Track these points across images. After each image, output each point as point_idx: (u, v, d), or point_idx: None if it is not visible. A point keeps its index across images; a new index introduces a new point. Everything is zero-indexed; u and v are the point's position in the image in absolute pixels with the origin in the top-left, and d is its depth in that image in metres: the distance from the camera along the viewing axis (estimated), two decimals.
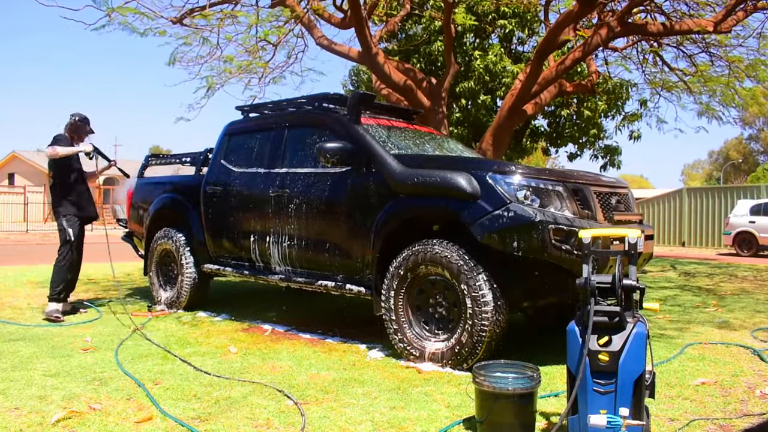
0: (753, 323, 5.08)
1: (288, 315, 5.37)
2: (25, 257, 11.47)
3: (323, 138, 4.33)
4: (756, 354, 3.96)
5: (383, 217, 3.86)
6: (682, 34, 7.91)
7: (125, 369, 3.42)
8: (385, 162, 3.95)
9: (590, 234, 2.54)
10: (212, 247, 5.21)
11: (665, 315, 5.47)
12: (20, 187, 31.58)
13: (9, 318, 5.00)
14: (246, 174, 4.95)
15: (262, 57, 7.85)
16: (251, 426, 2.59)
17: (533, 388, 2.43)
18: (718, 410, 2.84)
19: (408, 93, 8.41)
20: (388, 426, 2.61)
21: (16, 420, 2.60)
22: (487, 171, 3.54)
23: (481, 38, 12.42)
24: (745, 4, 7.26)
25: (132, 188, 6.33)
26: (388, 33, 10.44)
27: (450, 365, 3.50)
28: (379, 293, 3.88)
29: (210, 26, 7.18)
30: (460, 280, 3.43)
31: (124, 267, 9.27)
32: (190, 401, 2.90)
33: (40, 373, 3.33)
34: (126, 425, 2.57)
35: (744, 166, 51.50)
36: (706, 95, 9.51)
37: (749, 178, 39.68)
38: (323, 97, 4.82)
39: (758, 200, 15.97)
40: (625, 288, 2.34)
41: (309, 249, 4.38)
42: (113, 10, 6.25)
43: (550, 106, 11.95)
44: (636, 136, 11.93)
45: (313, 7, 7.89)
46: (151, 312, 5.35)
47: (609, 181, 4.09)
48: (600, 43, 7.58)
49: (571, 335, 2.34)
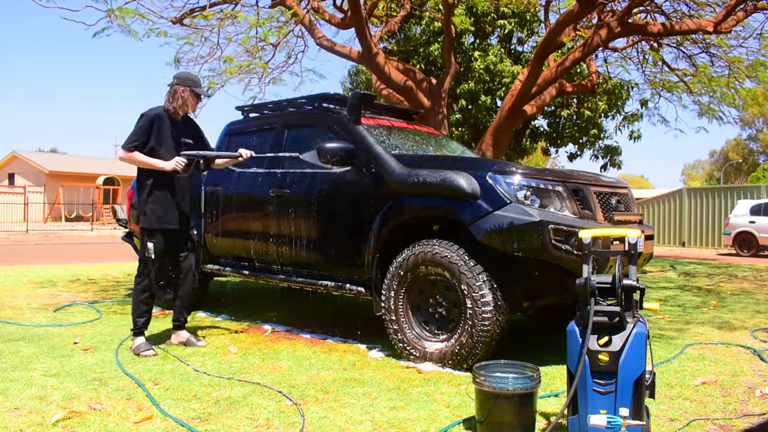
0: (753, 323, 5.08)
1: (288, 315, 5.37)
2: (25, 257, 11.47)
3: (323, 138, 4.33)
4: (756, 354, 3.96)
5: (383, 217, 3.86)
6: (682, 34, 7.92)
7: (125, 369, 3.42)
8: (385, 162, 3.95)
9: (590, 234, 2.54)
10: (212, 247, 5.21)
11: (665, 315, 5.47)
12: (20, 187, 31.60)
13: (9, 318, 5.00)
14: (246, 174, 4.95)
15: (262, 57, 7.84)
16: (251, 426, 2.59)
17: (533, 388, 2.43)
18: (718, 410, 2.84)
19: (408, 93, 8.41)
20: (388, 426, 2.61)
21: (16, 420, 2.60)
22: (487, 171, 3.55)
23: (480, 38, 12.42)
24: (745, 5, 7.26)
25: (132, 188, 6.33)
26: (388, 33, 10.44)
27: (450, 365, 3.50)
28: (379, 293, 3.88)
29: (210, 26, 7.18)
30: (460, 281, 3.43)
31: (125, 267, 9.28)
32: (190, 401, 2.90)
33: (40, 373, 3.33)
34: (126, 425, 2.57)
35: (744, 166, 51.50)
36: (706, 95, 9.51)
37: (749, 178, 39.66)
38: (323, 97, 4.82)
39: (758, 200, 15.97)
40: (625, 288, 2.34)
41: (309, 249, 4.38)
42: (113, 11, 6.25)
43: (550, 107, 11.95)
44: (636, 136, 11.94)
45: (313, 7, 7.89)
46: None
47: (609, 181, 4.09)
48: (600, 43, 7.58)
49: (571, 335, 2.34)
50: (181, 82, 4.06)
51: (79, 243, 16.77)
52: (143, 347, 3.85)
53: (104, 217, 29.26)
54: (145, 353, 3.80)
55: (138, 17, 6.39)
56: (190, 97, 4.06)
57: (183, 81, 4.07)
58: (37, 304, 5.70)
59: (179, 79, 4.08)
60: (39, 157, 37.68)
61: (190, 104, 4.08)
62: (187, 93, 4.04)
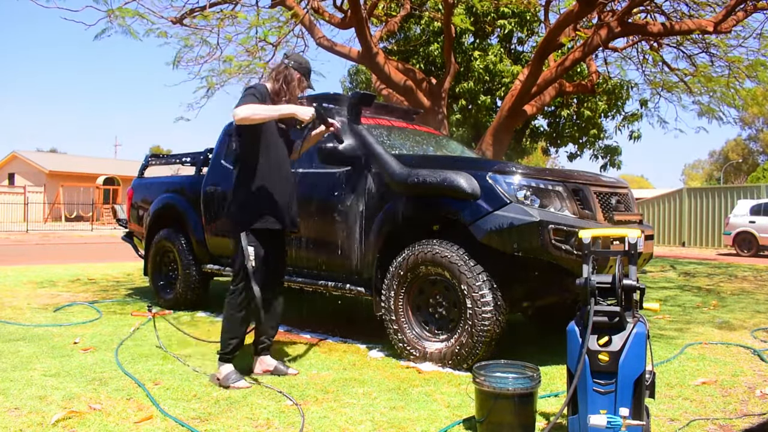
0: (753, 323, 5.08)
1: (288, 315, 5.36)
2: (25, 257, 11.47)
3: (323, 138, 4.32)
4: (756, 354, 3.96)
5: (383, 217, 3.86)
6: (682, 34, 7.92)
7: (125, 369, 3.42)
8: (385, 162, 3.95)
9: (590, 234, 2.54)
10: (212, 247, 5.21)
11: (665, 315, 5.47)
12: (20, 187, 31.60)
13: (9, 318, 5.00)
14: None
15: (262, 57, 7.85)
16: (251, 426, 2.59)
17: (533, 388, 2.43)
18: (718, 410, 2.84)
19: (408, 93, 8.41)
20: (388, 426, 2.61)
21: (16, 420, 2.60)
22: (487, 171, 3.54)
23: (480, 38, 12.42)
24: (745, 5, 7.27)
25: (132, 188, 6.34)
26: (388, 33, 10.44)
27: (450, 365, 3.50)
28: (379, 293, 3.88)
29: (210, 26, 7.19)
30: (461, 281, 3.43)
31: (124, 267, 9.28)
32: (190, 401, 2.90)
33: (40, 373, 3.33)
34: (126, 425, 2.57)
35: (744, 166, 51.50)
36: (706, 95, 9.52)
37: (749, 178, 39.68)
38: (323, 97, 4.82)
39: (758, 200, 15.97)
40: (625, 288, 2.34)
41: (309, 249, 4.38)
42: (112, 11, 6.25)
43: (550, 106, 11.96)
44: (636, 136, 11.95)
45: (313, 7, 7.89)
46: (150, 312, 5.34)
47: (609, 181, 4.09)
48: (600, 43, 7.59)
49: (571, 335, 2.34)
50: (300, 69, 3.33)
51: (79, 243, 16.77)
52: (233, 377, 3.15)
53: (104, 217, 29.25)
54: (237, 384, 3.11)
55: (138, 17, 6.39)
56: (304, 89, 3.40)
57: (301, 68, 3.34)
58: (37, 304, 5.70)
59: (298, 65, 3.33)
60: (39, 157, 37.68)
61: (294, 97, 3.34)
62: (304, 83, 3.37)
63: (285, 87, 3.29)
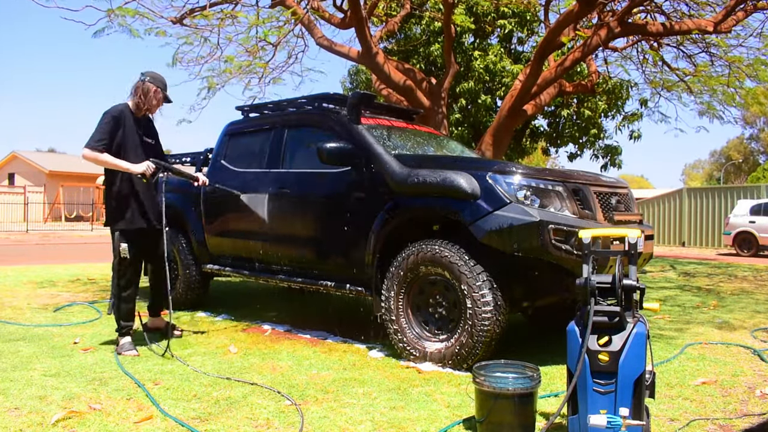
0: (753, 323, 5.08)
1: (288, 315, 5.37)
2: (25, 257, 11.47)
3: (323, 138, 4.33)
4: (756, 354, 3.97)
5: (383, 217, 3.86)
6: (682, 34, 7.91)
7: (125, 369, 3.42)
8: (385, 162, 3.95)
9: (590, 234, 2.54)
10: (212, 247, 5.21)
11: (665, 315, 5.47)
12: (20, 187, 31.61)
13: (9, 318, 5.00)
14: (246, 174, 4.95)
15: (262, 57, 7.85)
16: (251, 426, 2.59)
17: (533, 388, 2.43)
18: (718, 410, 2.84)
19: (408, 93, 8.40)
20: (388, 426, 2.61)
21: (16, 420, 2.60)
22: (487, 171, 3.54)
23: (480, 38, 12.42)
24: (745, 4, 7.26)
25: None
26: (388, 33, 10.44)
27: (450, 365, 3.50)
28: (379, 293, 3.88)
29: (210, 26, 7.18)
30: (461, 281, 3.43)
31: None
32: (190, 401, 2.90)
33: (40, 373, 3.33)
34: (126, 425, 2.57)
35: (744, 166, 51.50)
36: (706, 95, 9.51)
37: (749, 178, 39.68)
38: (323, 97, 4.82)
39: (758, 200, 15.97)
40: (625, 288, 2.34)
41: (309, 249, 4.38)
42: (112, 10, 6.24)
43: (550, 106, 11.95)
44: (636, 136, 11.94)
45: (312, 7, 7.89)
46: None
47: (609, 181, 4.09)
48: (600, 43, 7.58)
49: (571, 335, 2.34)
50: (155, 82, 4.00)
51: (79, 243, 16.77)
52: (127, 347, 3.87)
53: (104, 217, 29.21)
54: (127, 353, 3.81)
55: (138, 17, 6.39)
56: (161, 100, 4.05)
57: (156, 81, 4.01)
58: (37, 304, 5.70)
59: (153, 79, 4.00)
60: (39, 157, 37.70)
61: (158, 106, 4.06)
62: (160, 95, 4.02)
63: (143, 99, 3.95)
